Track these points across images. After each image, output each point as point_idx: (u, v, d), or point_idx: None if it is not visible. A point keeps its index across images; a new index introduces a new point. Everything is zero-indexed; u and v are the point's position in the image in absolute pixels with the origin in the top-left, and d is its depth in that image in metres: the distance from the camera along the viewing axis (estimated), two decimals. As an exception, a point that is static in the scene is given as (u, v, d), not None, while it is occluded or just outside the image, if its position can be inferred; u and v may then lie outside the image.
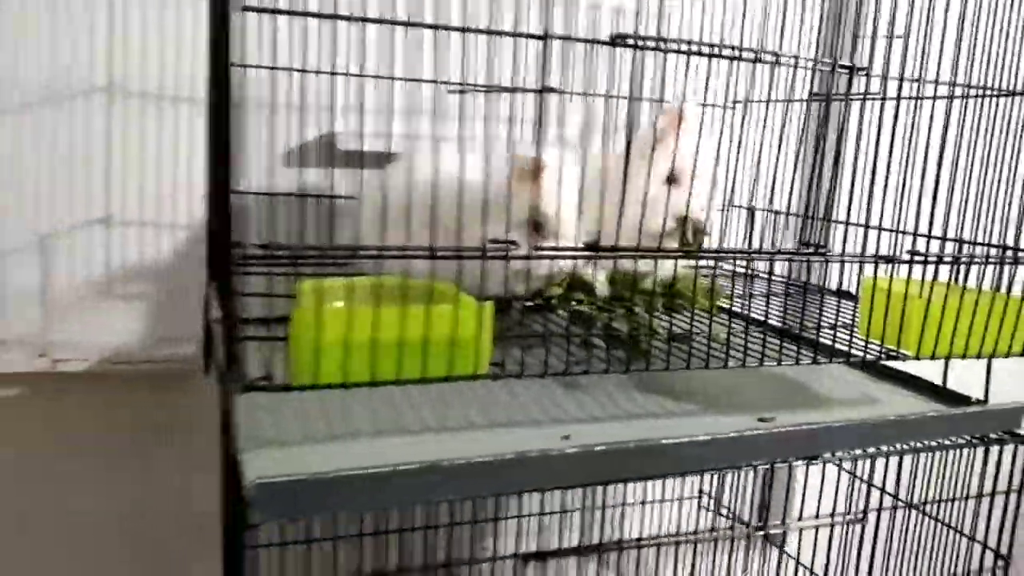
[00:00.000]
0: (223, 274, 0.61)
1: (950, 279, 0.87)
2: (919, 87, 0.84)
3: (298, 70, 1.11)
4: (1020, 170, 0.87)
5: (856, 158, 0.84)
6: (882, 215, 0.86)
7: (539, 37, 0.62)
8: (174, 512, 1.26)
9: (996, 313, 0.86)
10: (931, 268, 0.86)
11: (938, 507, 1.02)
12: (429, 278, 0.71)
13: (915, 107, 0.85)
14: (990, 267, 0.88)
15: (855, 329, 0.94)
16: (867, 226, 0.88)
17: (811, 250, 0.79)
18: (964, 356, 0.87)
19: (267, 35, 1.01)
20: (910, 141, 0.84)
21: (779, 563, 1.34)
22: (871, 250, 0.86)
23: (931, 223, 0.87)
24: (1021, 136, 0.88)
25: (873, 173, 0.83)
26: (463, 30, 0.62)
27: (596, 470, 0.74)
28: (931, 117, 0.85)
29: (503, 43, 0.91)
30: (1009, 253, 0.88)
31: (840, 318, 1.00)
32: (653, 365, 0.82)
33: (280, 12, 0.60)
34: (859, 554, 1.11)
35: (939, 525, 1.01)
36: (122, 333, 1.20)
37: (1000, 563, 0.95)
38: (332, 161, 1.21)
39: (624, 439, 0.76)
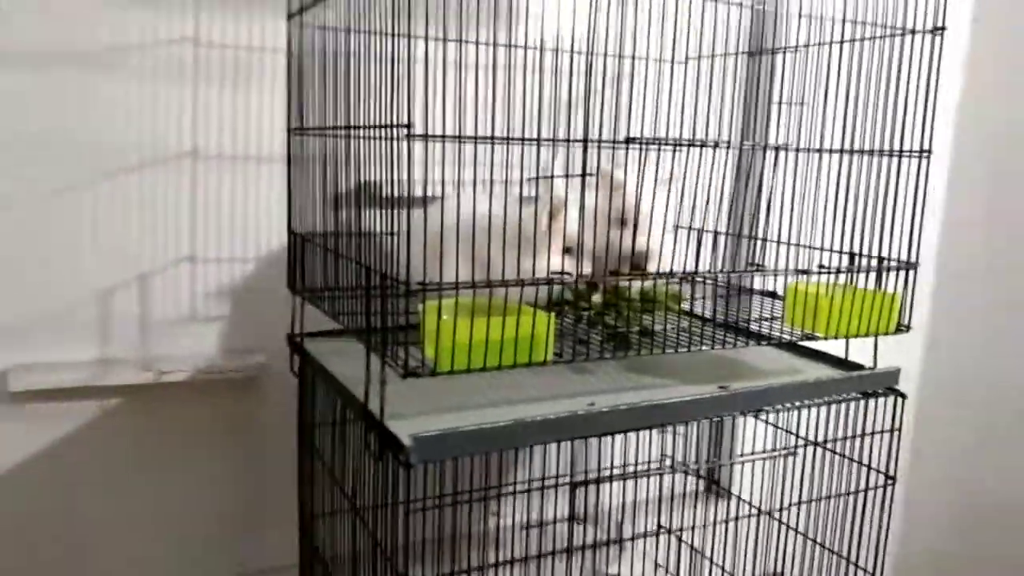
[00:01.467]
0: (383, 300, 0.93)
1: (846, 282, 1.25)
2: (819, 151, 1.22)
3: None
4: (888, 206, 1.25)
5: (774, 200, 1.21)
6: (799, 237, 1.23)
7: (582, 141, 0.96)
8: (262, 481, 1.56)
9: (876, 305, 1.25)
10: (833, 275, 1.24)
11: (843, 444, 1.40)
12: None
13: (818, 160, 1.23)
14: (872, 273, 1.26)
15: (783, 320, 1.31)
16: (789, 244, 1.25)
17: (755, 267, 1.16)
18: (857, 335, 1.25)
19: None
20: (815, 184, 1.22)
21: (728, 501, 1.72)
22: (792, 264, 1.23)
23: (831, 242, 1.25)
24: (887, 184, 1.26)
25: (793, 209, 1.20)
26: (535, 141, 0.96)
27: (620, 423, 1.09)
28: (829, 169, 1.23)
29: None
30: (884, 263, 1.27)
31: (771, 312, 1.38)
32: (643, 351, 1.17)
33: (445, 138, 0.91)
34: (783, 483, 1.48)
35: (843, 458, 1.40)
36: (209, 348, 1.49)
37: (889, 481, 1.34)
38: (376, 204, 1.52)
39: (633, 402, 1.11)
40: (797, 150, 1.22)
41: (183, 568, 1.53)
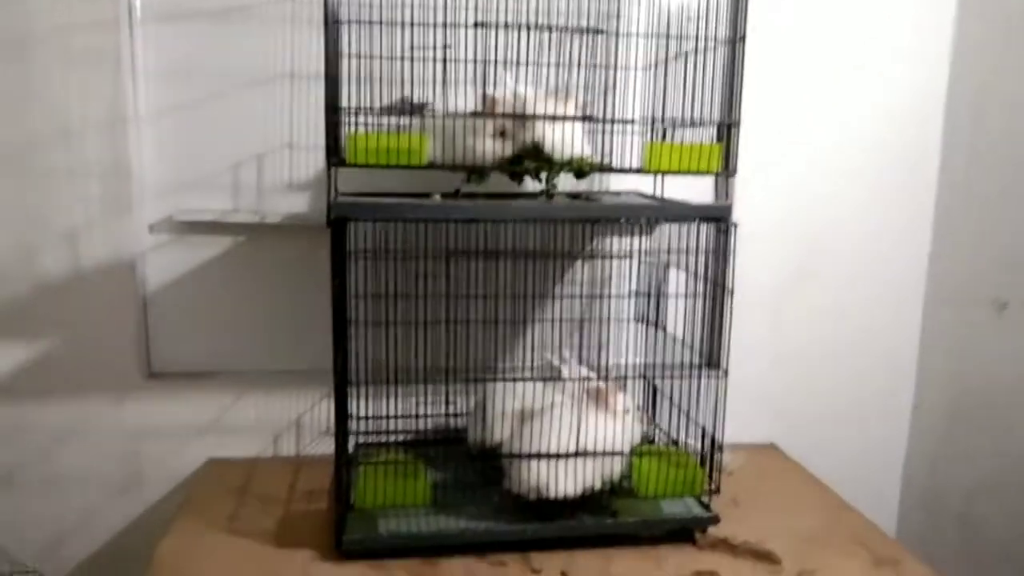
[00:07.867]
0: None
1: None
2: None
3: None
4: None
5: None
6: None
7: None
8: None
9: (699, 152, 1.70)
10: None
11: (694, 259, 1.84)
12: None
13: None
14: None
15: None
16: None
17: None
18: (686, 171, 1.71)
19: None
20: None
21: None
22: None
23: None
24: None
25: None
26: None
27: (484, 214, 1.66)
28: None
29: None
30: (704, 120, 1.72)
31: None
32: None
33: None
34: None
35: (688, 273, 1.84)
36: (298, 205, 2.23)
37: (728, 293, 1.77)
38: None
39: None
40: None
41: (278, 350, 2.28)
